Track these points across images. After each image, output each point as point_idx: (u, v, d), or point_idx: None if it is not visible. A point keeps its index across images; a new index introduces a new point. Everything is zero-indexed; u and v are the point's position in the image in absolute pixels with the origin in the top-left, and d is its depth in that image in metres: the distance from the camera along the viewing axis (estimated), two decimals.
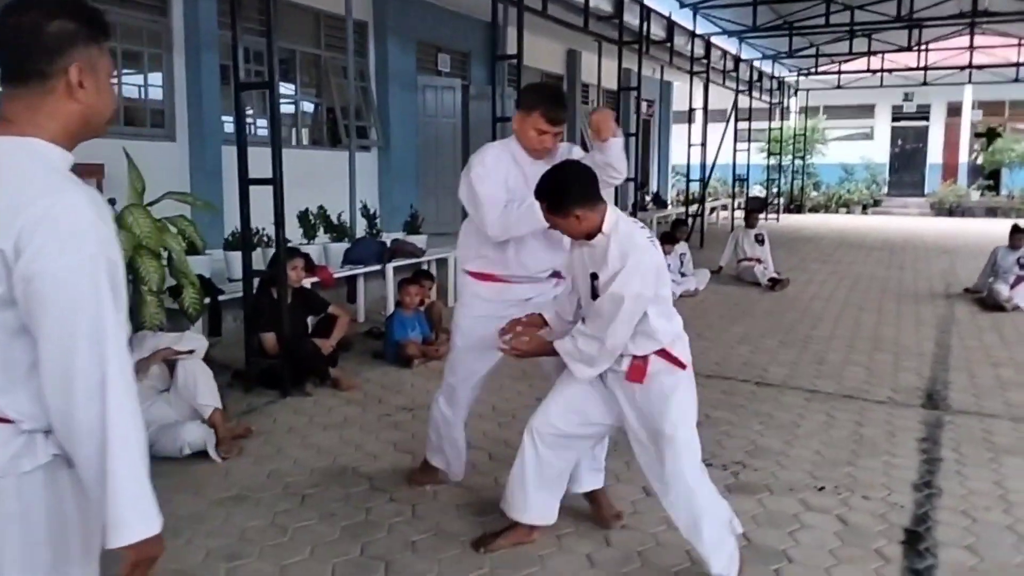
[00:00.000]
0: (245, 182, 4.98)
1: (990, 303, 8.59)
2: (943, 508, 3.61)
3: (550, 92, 3.45)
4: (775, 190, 22.45)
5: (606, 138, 3.14)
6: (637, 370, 2.84)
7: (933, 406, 5.12)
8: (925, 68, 19.92)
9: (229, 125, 7.89)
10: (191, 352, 4.18)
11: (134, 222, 4.48)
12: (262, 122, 8.94)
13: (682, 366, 2.90)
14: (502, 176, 3.24)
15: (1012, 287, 8.69)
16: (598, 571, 3.04)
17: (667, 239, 9.37)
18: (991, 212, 22.21)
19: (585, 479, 3.36)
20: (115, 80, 7.44)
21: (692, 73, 14.07)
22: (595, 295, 2.81)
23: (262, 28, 7.19)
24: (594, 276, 2.81)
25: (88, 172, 6.61)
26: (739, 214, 16.68)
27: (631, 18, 10.66)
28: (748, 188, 21.73)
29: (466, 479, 3.87)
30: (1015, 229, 9.23)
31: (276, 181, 4.85)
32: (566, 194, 2.75)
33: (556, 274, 3.40)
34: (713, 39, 14.67)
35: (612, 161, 3.17)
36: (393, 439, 4.42)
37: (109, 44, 1.52)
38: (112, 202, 4.93)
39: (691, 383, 2.94)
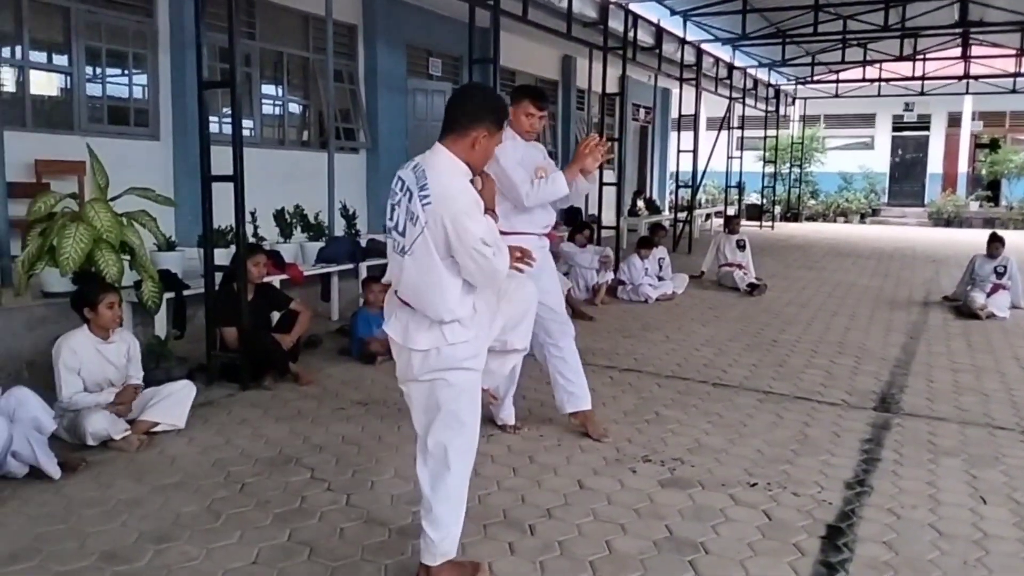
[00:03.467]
0: (208, 179, 5.08)
1: (965, 311, 8.63)
2: (870, 506, 3.68)
3: (533, 87, 4.82)
4: (772, 198, 22.50)
5: (591, 171, 4.19)
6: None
7: (884, 409, 5.18)
8: (923, 78, 19.96)
9: (215, 124, 8.02)
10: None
11: (95, 216, 4.59)
12: (248, 123, 9.06)
13: None
14: (519, 156, 4.17)
15: (988, 295, 8.74)
16: (518, 558, 3.11)
17: (644, 243, 9.46)
18: (989, 223, 22.16)
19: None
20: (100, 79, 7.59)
21: (682, 80, 14.14)
22: None
23: (242, 28, 7.34)
24: None
25: (70, 169, 6.76)
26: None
27: (616, 24, 10.74)
28: (744, 195, 21.74)
29: (407, 469, 3.96)
30: (992, 238, 9.27)
31: (236, 178, 4.94)
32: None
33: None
34: (705, 46, 14.74)
35: (587, 191, 4.52)
36: (343, 432, 4.51)
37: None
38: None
39: None
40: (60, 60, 7.40)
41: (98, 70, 7.64)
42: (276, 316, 5.70)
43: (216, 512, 3.43)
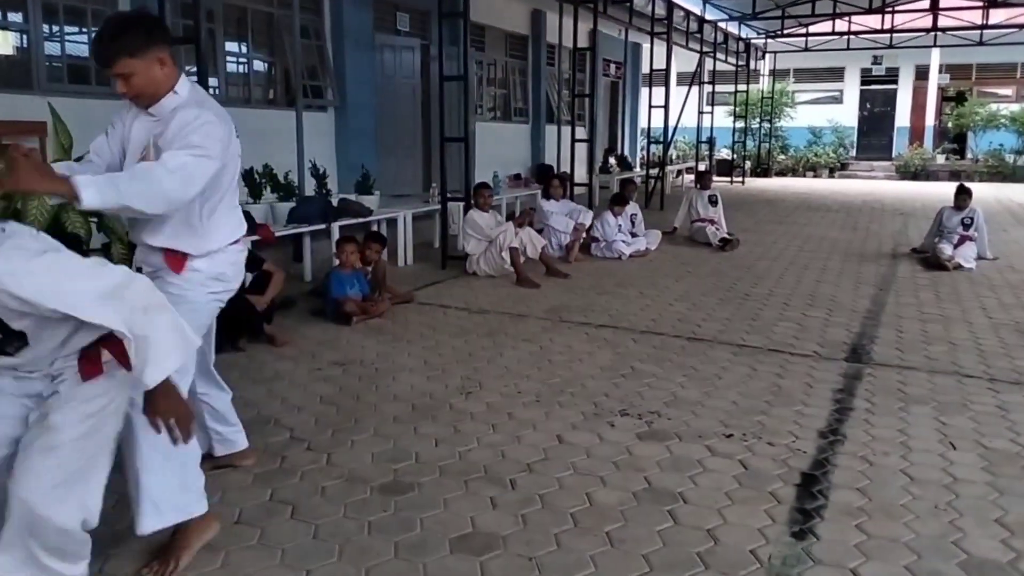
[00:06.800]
0: None
1: (933, 262, 8.76)
2: (844, 453, 3.75)
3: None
4: (742, 153, 22.56)
5: None
6: None
7: (855, 359, 5.27)
8: (891, 31, 20.01)
9: None
10: None
11: None
12: (212, 81, 8.86)
13: None
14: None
15: (956, 247, 8.87)
16: (500, 512, 3.14)
17: (617, 200, 9.46)
18: (955, 176, 22.44)
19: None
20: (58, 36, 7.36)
21: (653, 34, 14.04)
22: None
23: None
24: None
25: (30, 130, 6.57)
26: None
27: None
28: (715, 151, 21.79)
29: (385, 427, 3.98)
30: (960, 190, 9.39)
31: None
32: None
33: None
34: None
35: None
36: (321, 392, 4.50)
37: None
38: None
39: None
40: (15, 17, 7.15)
41: (56, 28, 7.41)
42: (249, 277, 5.63)
43: None
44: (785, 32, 21.14)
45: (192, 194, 2.64)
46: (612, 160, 16.57)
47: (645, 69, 18.28)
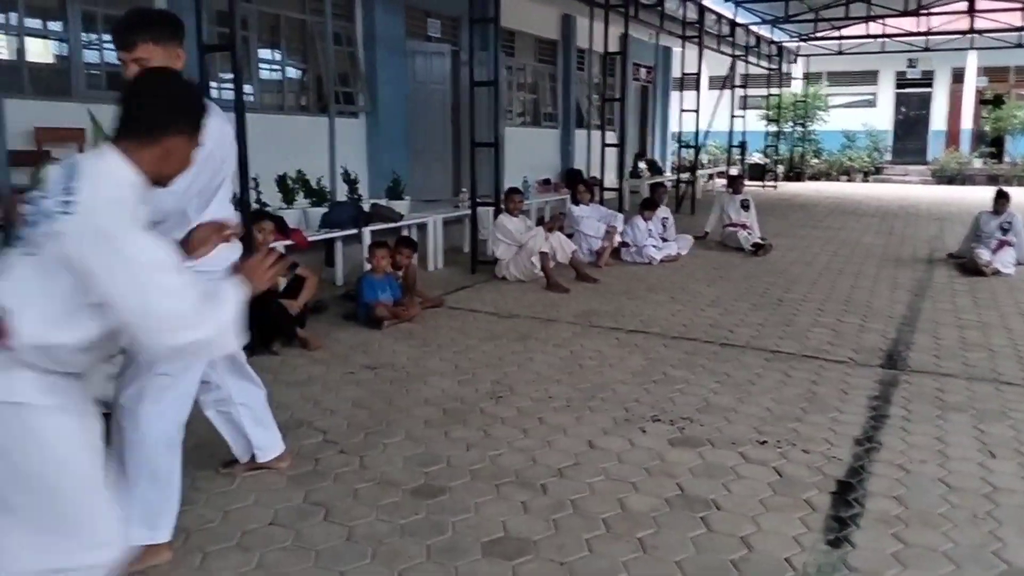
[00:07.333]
0: None
1: (970, 268, 8.61)
2: (880, 461, 3.70)
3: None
4: (775, 157, 22.36)
5: None
6: None
7: (891, 366, 5.19)
8: (927, 33, 19.73)
9: (214, 90, 7.94)
10: None
11: None
12: (246, 88, 8.96)
13: None
14: None
15: (994, 252, 8.72)
16: (532, 517, 3.14)
17: (647, 204, 9.42)
18: (993, 180, 22.03)
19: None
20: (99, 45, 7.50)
21: (684, 38, 13.98)
22: None
23: None
24: None
25: (69, 136, 6.71)
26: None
27: None
28: (747, 155, 21.62)
29: (417, 431, 3.99)
30: (999, 194, 9.23)
31: (241, 144, 4.90)
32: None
33: None
34: (708, 3, 14.55)
35: None
36: (353, 395, 4.53)
37: None
38: None
39: None
40: (55, 27, 7.30)
41: (95, 36, 7.55)
42: (283, 281, 5.69)
43: (230, 475, 3.46)
44: (818, 35, 20.91)
45: (184, 193, 2.61)
46: (642, 165, 16.51)
47: (676, 73, 18.19)
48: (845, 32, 20.92)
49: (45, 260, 1.82)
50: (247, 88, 8.87)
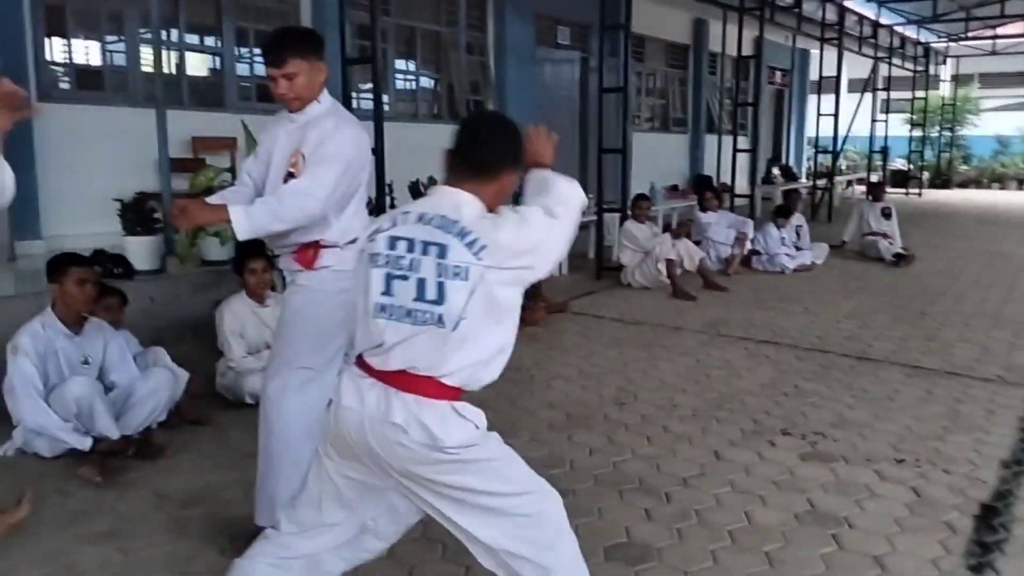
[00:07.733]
0: None
1: None
2: None
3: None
4: (919, 164, 21.23)
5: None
6: None
7: None
8: None
9: (353, 100, 8.28)
10: None
11: None
12: (385, 98, 9.30)
13: None
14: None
15: None
16: (655, 524, 3.13)
17: (781, 212, 9.16)
18: None
19: None
20: (247, 59, 7.98)
21: (823, 40, 13.49)
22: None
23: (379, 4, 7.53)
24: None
25: (223, 145, 7.18)
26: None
27: None
28: (888, 161, 20.62)
29: (541, 433, 4.05)
30: None
31: (378, 152, 5.11)
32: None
33: None
34: (848, 3, 14.00)
35: None
36: (477, 396, 4.60)
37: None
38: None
39: None
40: (210, 42, 7.82)
41: (246, 51, 8.04)
42: None
43: None
44: (970, 35, 19.70)
45: (328, 199, 2.76)
46: (776, 171, 16.04)
47: (814, 76, 17.58)
48: (1000, 31, 19.60)
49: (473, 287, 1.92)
50: (384, 98, 9.23)
